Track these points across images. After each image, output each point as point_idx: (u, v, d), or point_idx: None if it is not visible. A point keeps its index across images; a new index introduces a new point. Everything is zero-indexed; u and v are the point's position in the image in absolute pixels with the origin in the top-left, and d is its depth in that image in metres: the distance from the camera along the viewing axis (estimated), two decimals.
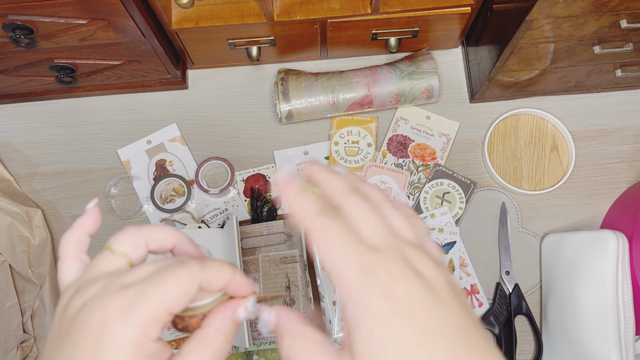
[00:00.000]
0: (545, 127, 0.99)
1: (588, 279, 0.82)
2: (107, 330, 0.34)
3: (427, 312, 0.33)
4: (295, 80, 0.95)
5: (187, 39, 0.90)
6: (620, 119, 1.01)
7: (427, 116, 0.99)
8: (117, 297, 0.35)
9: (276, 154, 0.98)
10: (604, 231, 0.83)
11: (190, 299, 0.36)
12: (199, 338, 0.39)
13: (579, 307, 0.83)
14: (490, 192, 0.96)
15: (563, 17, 0.73)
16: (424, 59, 0.95)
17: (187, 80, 1.02)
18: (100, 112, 1.01)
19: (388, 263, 0.34)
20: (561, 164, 0.97)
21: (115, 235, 0.39)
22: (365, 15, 0.88)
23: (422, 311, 0.32)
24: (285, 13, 0.86)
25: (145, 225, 0.41)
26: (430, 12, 0.88)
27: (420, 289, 0.33)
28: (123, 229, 0.40)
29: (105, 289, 0.36)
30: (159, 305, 0.35)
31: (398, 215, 0.38)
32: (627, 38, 0.80)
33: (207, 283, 0.37)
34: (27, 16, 0.75)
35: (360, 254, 0.34)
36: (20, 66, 0.89)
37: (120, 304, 0.34)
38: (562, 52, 0.83)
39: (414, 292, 0.33)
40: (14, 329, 0.85)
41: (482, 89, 0.95)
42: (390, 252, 0.34)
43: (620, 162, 0.98)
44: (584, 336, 0.82)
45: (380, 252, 0.34)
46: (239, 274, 0.40)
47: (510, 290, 0.91)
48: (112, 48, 0.86)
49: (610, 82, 0.97)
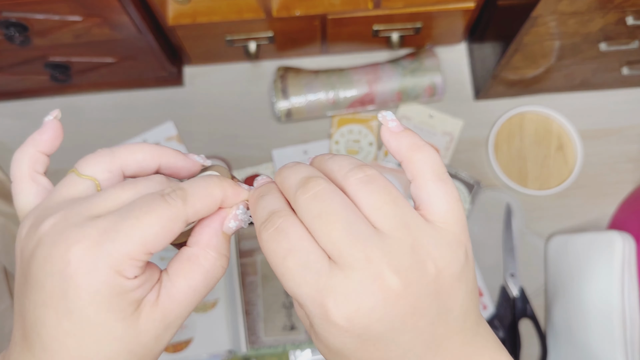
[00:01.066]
0: (550, 125, 0.98)
1: (594, 280, 0.82)
2: (72, 270, 0.30)
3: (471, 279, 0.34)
4: (294, 78, 0.94)
5: (184, 36, 0.89)
6: (626, 118, 1.00)
7: (430, 114, 0.98)
8: (83, 230, 0.30)
9: (275, 154, 0.96)
10: (611, 232, 0.83)
11: (173, 237, 0.32)
12: (187, 256, 0.34)
13: (584, 309, 0.82)
14: (495, 192, 0.95)
15: (568, 13, 0.72)
16: (426, 56, 0.95)
17: (184, 77, 1.02)
18: (95, 111, 1.00)
19: (347, 283, 0.30)
20: (567, 163, 0.96)
21: (84, 158, 0.34)
22: (367, 10, 0.87)
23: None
24: (284, 9, 0.85)
25: (120, 146, 0.36)
26: (433, 7, 0.88)
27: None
28: (95, 151, 0.35)
29: (67, 219, 0.31)
30: (135, 245, 0.30)
31: (370, 196, 0.33)
32: (633, 35, 0.80)
33: (195, 215, 0.33)
34: (21, 13, 0.74)
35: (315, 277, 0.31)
36: (14, 64, 0.88)
37: (87, 239, 0.30)
38: (568, 50, 0.83)
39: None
40: (8, 332, 0.84)
41: (486, 87, 0.94)
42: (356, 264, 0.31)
43: (627, 162, 0.97)
44: (590, 339, 0.81)
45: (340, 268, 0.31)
46: (229, 188, 0.36)
47: (515, 293, 0.90)
48: (107, 45, 0.85)
49: (616, 80, 0.96)
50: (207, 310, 0.85)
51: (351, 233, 0.31)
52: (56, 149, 0.37)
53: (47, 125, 0.37)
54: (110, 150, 0.36)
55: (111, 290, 0.30)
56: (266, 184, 0.37)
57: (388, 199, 0.32)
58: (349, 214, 0.31)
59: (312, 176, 0.33)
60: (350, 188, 0.33)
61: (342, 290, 0.30)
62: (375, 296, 0.30)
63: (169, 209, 0.32)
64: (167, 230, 0.31)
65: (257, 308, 0.87)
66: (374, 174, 0.33)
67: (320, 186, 0.32)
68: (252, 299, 0.88)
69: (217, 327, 0.84)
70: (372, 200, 0.32)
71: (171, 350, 0.81)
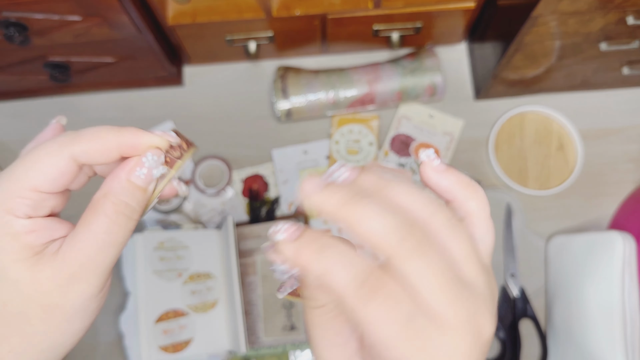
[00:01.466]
0: (551, 125, 0.98)
1: (594, 281, 0.82)
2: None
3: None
4: (294, 78, 0.94)
5: (184, 35, 0.89)
6: (627, 118, 1.00)
7: (430, 114, 0.98)
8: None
9: (275, 153, 0.96)
10: (611, 232, 0.82)
11: (62, 174, 0.33)
12: (90, 206, 0.34)
13: (585, 309, 0.82)
14: (495, 192, 0.95)
15: (569, 13, 0.72)
16: (427, 56, 0.95)
17: (184, 77, 1.01)
18: (94, 110, 1.00)
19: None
20: (567, 163, 0.96)
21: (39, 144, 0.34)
22: (367, 10, 0.87)
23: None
24: (284, 8, 0.85)
25: (72, 134, 0.34)
26: (433, 7, 0.87)
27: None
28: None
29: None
30: (22, 182, 0.32)
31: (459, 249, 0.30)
32: (634, 35, 0.80)
33: (83, 154, 0.33)
34: (20, 13, 0.74)
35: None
36: (13, 64, 0.88)
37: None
38: (568, 49, 0.83)
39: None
40: None
41: (486, 86, 0.94)
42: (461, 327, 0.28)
43: (628, 162, 0.97)
44: (590, 339, 0.81)
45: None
46: (127, 132, 0.34)
47: (515, 293, 0.90)
48: (107, 45, 0.85)
49: (616, 79, 0.96)
50: (206, 311, 0.84)
51: (451, 291, 0.28)
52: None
53: (51, 128, 0.37)
54: (55, 140, 0.34)
55: (2, 229, 0.32)
56: (320, 232, 0.30)
57: (472, 247, 0.30)
58: (449, 269, 0.28)
59: (408, 221, 0.28)
60: (438, 234, 0.29)
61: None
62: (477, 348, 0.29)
63: (54, 143, 0.32)
64: (52, 165, 0.32)
65: (257, 308, 0.87)
66: (451, 214, 0.30)
67: (419, 234, 0.28)
68: (252, 299, 0.87)
69: (216, 327, 0.84)
70: (461, 249, 0.29)
71: (171, 351, 0.81)
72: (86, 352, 0.89)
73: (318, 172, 0.94)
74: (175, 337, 0.82)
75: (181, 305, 0.83)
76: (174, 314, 0.83)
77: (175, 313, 0.83)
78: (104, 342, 0.89)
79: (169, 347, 0.82)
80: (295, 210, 0.93)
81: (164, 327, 0.82)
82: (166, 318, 0.83)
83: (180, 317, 0.83)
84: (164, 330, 0.82)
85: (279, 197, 0.94)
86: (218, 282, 0.85)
